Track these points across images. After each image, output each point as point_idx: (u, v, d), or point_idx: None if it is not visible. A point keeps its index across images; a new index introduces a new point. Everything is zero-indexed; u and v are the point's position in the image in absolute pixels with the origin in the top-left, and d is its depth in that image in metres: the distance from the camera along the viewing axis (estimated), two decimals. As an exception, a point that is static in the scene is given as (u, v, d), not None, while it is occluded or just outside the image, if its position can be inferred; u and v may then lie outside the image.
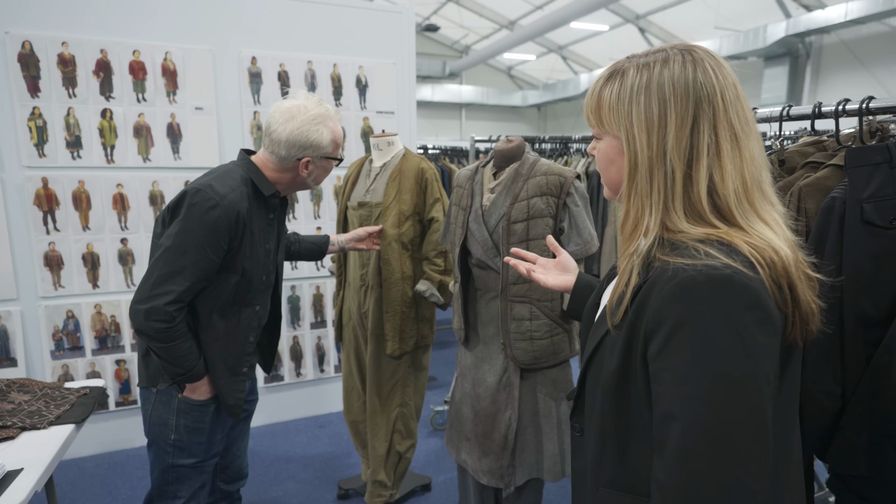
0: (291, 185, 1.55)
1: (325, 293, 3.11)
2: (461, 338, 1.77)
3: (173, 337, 1.37)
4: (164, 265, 1.35)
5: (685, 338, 0.65)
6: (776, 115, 1.51)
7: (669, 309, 0.66)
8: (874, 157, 1.11)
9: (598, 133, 0.81)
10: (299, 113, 1.46)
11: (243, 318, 1.52)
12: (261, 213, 1.50)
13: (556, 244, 1.22)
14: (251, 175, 1.48)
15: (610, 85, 0.76)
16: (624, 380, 0.74)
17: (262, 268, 1.52)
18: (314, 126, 1.47)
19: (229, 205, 1.38)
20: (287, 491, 2.47)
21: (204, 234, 1.35)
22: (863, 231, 1.11)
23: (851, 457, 1.11)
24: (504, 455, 1.67)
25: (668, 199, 0.71)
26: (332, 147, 1.53)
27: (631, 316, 0.72)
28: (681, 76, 0.71)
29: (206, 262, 1.37)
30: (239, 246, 1.43)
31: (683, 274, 0.66)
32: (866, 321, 1.12)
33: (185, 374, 1.44)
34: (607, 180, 0.83)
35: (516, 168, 1.64)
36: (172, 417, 1.51)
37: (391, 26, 3.08)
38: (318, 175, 1.56)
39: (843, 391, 1.15)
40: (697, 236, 0.70)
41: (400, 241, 2.04)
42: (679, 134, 0.71)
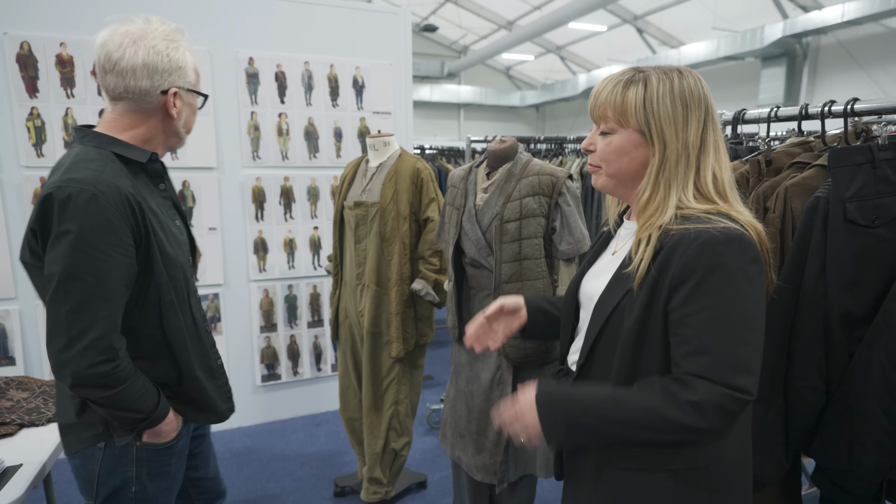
0: (162, 136, 1.20)
1: (322, 292, 3.13)
2: (455, 336, 1.79)
3: (122, 378, 1.07)
4: (68, 296, 1.02)
5: (711, 284, 0.81)
6: (764, 117, 1.54)
7: (695, 262, 0.82)
8: (857, 158, 1.14)
9: (611, 128, 0.93)
10: (147, 33, 1.14)
11: (195, 309, 1.26)
12: (149, 187, 1.18)
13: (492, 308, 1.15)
14: (108, 147, 1.11)
15: (634, 88, 0.89)
16: (642, 331, 0.87)
17: (183, 251, 1.24)
18: (172, 44, 1.15)
19: (107, 187, 1.04)
20: (284, 488, 2.49)
21: (97, 235, 1.02)
22: (846, 230, 1.13)
23: (834, 450, 1.13)
24: (497, 452, 1.69)
25: (686, 182, 0.89)
26: (196, 76, 1.22)
27: (654, 274, 0.86)
28: (694, 87, 0.90)
29: (118, 269, 1.05)
30: (146, 233, 1.10)
31: (706, 234, 0.82)
32: (849, 318, 1.15)
33: (147, 418, 1.13)
34: (616, 170, 0.94)
35: (509, 168, 1.66)
36: (131, 469, 1.20)
37: (388, 27, 3.10)
38: (188, 117, 1.23)
39: (827, 387, 1.17)
40: (704, 210, 0.87)
41: (402, 241, 2.07)
42: (696, 132, 0.89)
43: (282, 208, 2.98)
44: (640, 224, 0.91)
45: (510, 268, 1.60)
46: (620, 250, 0.99)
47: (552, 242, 1.63)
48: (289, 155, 2.96)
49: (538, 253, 1.60)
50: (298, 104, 2.94)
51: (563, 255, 1.62)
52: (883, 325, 1.08)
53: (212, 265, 2.85)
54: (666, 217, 0.88)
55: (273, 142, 2.92)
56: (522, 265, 1.60)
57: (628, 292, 0.89)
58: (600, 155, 0.95)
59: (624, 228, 1.03)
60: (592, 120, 0.97)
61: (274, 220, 2.97)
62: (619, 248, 1.01)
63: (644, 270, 0.87)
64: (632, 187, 0.96)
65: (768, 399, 1.22)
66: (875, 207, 1.12)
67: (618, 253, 1.00)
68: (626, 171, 0.93)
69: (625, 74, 0.92)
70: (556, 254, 1.63)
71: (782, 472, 1.25)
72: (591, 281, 1.02)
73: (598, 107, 0.93)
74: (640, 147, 0.91)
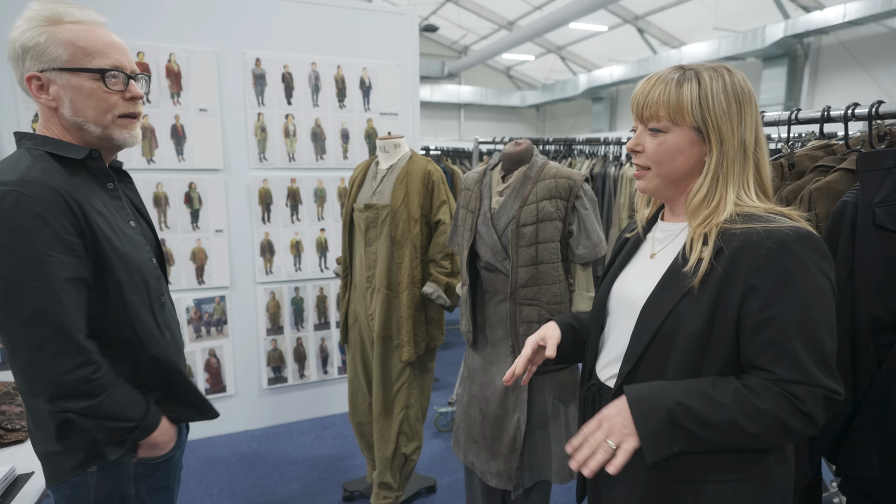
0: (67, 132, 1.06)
1: (329, 295, 3.11)
2: (469, 340, 1.78)
3: (104, 385, 1.00)
4: (18, 305, 0.94)
5: (794, 284, 0.79)
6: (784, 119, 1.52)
7: (773, 263, 0.80)
8: (885, 162, 1.12)
9: (664, 127, 0.90)
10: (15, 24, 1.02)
11: (158, 314, 1.15)
12: (93, 186, 1.07)
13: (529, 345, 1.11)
14: (42, 147, 1.03)
15: (688, 85, 0.88)
16: (707, 335, 0.84)
17: (141, 251, 1.13)
18: (32, 25, 1.01)
19: (35, 185, 0.95)
20: (292, 493, 2.47)
21: (31, 235, 0.93)
22: (875, 235, 1.11)
23: (864, 460, 1.11)
24: (513, 457, 1.67)
25: (746, 179, 0.88)
26: (70, 51, 1.01)
27: (721, 274, 0.83)
28: (744, 84, 0.89)
29: (63, 268, 0.96)
30: (90, 230, 1.01)
31: (779, 233, 0.81)
32: (878, 325, 1.13)
33: (138, 426, 1.06)
34: (671, 170, 0.92)
35: (525, 171, 1.64)
36: (130, 488, 1.13)
37: (394, 28, 3.08)
38: (77, 103, 1.02)
39: (854, 394, 1.16)
40: (764, 209, 0.87)
41: (413, 243, 2.05)
42: (751, 128, 0.89)
43: (288, 210, 2.96)
44: (696, 222, 0.89)
45: (526, 272, 1.58)
46: (661, 253, 0.96)
47: (569, 246, 1.61)
48: (296, 156, 2.94)
49: (555, 257, 1.58)
50: (305, 105, 2.92)
51: (580, 259, 1.60)
52: (914, 333, 1.06)
53: (218, 267, 2.83)
54: (725, 214, 0.86)
55: (280, 143, 2.90)
56: (539, 269, 1.58)
57: (686, 294, 0.86)
58: (651, 156, 0.92)
59: (660, 231, 1.00)
60: (638, 119, 0.94)
61: (281, 221, 2.95)
62: (658, 251, 0.97)
63: (705, 269, 0.84)
64: (682, 187, 0.94)
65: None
66: (904, 212, 1.11)
67: (658, 256, 0.97)
68: (680, 170, 0.91)
69: (674, 73, 0.90)
70: (573, 258, 1.62)
71: (807, 480, 1.24)
72: (630, 286, 0.98)
73: (649, 105, 0.90)
74: (695, 145, 0.90)
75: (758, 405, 0.79)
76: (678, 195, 0.95)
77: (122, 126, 1.08)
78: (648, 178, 0.94)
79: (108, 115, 1.05)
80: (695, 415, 0.80)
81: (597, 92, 14.59)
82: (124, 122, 1.08)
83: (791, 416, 0.79)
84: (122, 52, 1.07)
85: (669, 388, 0.83)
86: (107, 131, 1.06)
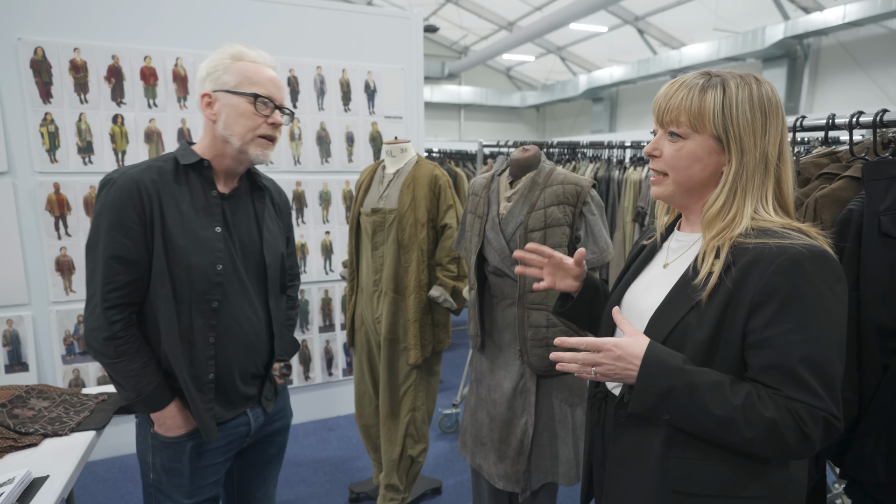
0: (214, 143, 1.28)
1: (334, 297, 3.13)
2: (477, 344, 1.79)
3: (119, 353, 1.19)
4: (87, 266, 1.22)
5: (802, 303, 0.78)
6: (789, 126, 1.54)
7: (782, 280, 0.78)
8: (891, 171, 1.14)
9: (683, 133, 0.89)
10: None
11: (195, 316, 1.25)
12: (193, 189, 1.26)
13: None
14: (177, 152, 1.28)
15: (712, 92, 0.86)
16: (712, 349, 0.84)
17: (206, 255, 1.24)
18: (219, 57, 1.26)
19: (127, 179, 1.19)
20: (299, 495, 2.49)
21: (107, 217, 1.18)
22: (880, 243, 1.13)
23: (870, 463, 1.13)
24: (520, 460, 1.69)
25: (765, 193, 0.87)
26: (238, 79, 1.24)
27: (730, 288, 0.82)
28: (772, 95, 0.87)
29: (119, 249, 1.17)
30: (152, 225, 1.20)
31: (791, 250, 0.79)
32: (883, 331, 1.15)
33: (136, 398, 1.23)
34: (687, 177, 0.90)
35: (532, 177, 1.66)
36: (149, 454, 1.31)
37: (399, 31, 3.10)
38: (230, 119, 1.24)
39: (860, 399, 1.18)
40: (781, 224, 0.85)
41: (420, 247, 2.06)
42: (775, 141, 0.87)
43: (294, 213, 2.97)
44: (710, 234, 0.87)
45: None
46: (674, 263, 0.96)
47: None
48: (301, 160, 2.95)
49: (563, 262, 1.60)
50: (311, 109, 2.94)
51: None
52: (919, 339, 1.08)
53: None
54: (740, 228, 0.85)
55: (285, 146, 2.91)
56: (547, 274, 1.60)
57: (695, 307, 0.85)
58: (668, 161, 0.90)
59: (675, 241, 0.99)
60: (658, 123, 0.92)
61: (286, 224, 2.96)
62: (671, 261, 0.97)
63: (714, 283, 0.83)
64: (698, 197, 0.92)
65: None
66: (909, 220, 1.12)
67: (671, 266, 0.96)
68: (696, 179, 0.90)
69: (699, 78, 0.88)
70: (580, 263, 1.63)
71: (812, 483, 1.26)
72: (640, 296, 0.98)
73: (670, 110, 0.88)
74: (714, 154, 0.88)
75: (763, 412, 0.78)
76: (694, 204, 0.94)
77: (259, 145, 1.28)
78: (664, 185, 0.93)
79: (251, 133, 1.26)
80: (700, 401, 0.80)
81: (597, 92, 14.62)
82: (262, 142, 1.29)
83: (791, 431, 0.77)
84: (277, 88, 1.30)
85: (687, 370, 0.82)
86: (245, 146, 1.27)
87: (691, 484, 0.87)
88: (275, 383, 1.47)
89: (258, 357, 1.38)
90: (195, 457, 1.31)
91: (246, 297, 1.32)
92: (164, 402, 1.25)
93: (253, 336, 1.34)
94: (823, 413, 0.77)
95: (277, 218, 1.45)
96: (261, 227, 1.36)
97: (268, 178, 1.47)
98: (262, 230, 1.36)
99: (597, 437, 1.05)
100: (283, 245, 1.47)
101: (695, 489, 0.86)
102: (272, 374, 1.46)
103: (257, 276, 1.36)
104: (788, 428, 0.78)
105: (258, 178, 1.40)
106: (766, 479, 0.85)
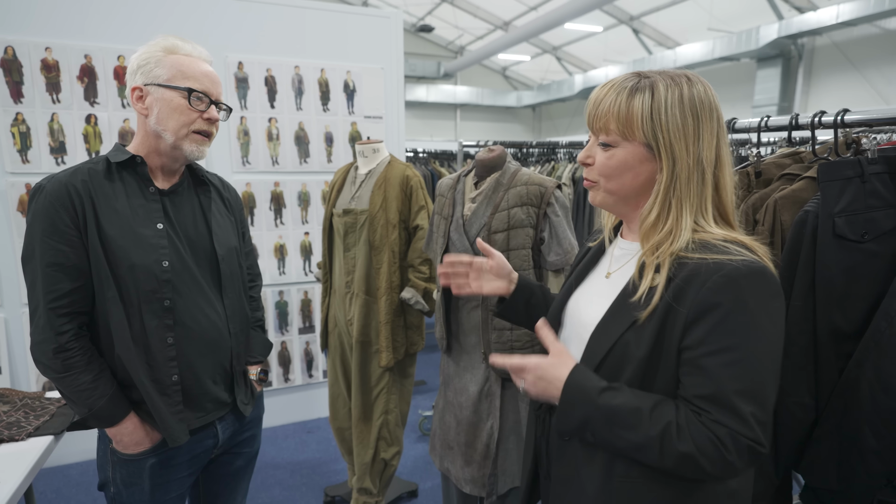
0: (146, 139, 1.23)
1: (314, 298, 3.11)
2: (443, 347, 1.77)
3: (66, 366, 1.15)
4: (26, 278, 1.17)
5: (733, 323, 0.75)
6: (755, 126, 1.52)
7: (717, 297, 0.75)
8: (846, 172, 1.12)
9: (613, 141, 0.84)
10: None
11: (148, 317, 1.20)
12: (128, 188, 1.21)
13: (487, 247, 1.15)
14: (109, 152, 1.25)
15: (640, 97, 0.81)
16: (651, 367, 0.81)
17: (149, 252, 1.20)
18: (152, 50, 1.21)
19: (56, 183, 1.15)
20: (273, 498, 2.47)
21: (40, 224, 1.14)
22: (835, 245, 1.11)
23: (823, 469, 1.11)
24: (486, 464, 1.67)
25: (703, 202, 0.82)
26: (171, 73, 1.19)
27: (669, 304, 0.78)
28: (705, 96, 0.82)
29: (56, 255, 1.13)
30: (86, 227, 1.16)
31: (728, 266, 0.76)
32: (838, 334, 1.13)
33: (88, 413, 1.18)
34: (619, 186, 0.86)
35: (497, 178, 1.64)
36: (108, 468, 1.27)
37: (379, 31, 3.07)
38: (163, 114, 1.19)
39: (816, 403, 1.16)
40: (722, 237, 0.81)
41: (391, 249, 2.04)
42: (710, 145, 0.82)
43: (272, 214, 2.95)
44: (648, 248, 0.83)
45: (498, 279, 1.58)
46: (616, 273, 0.92)
47: (541, 253, 1.61)
48: (279, 160, 2.93)
49: (526, 264, 1.58)
50: (289, 109, 2.92)
51: (552, 266, 1.60)
52: (871, 344, 1.06)
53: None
54: (680, 242, 0.80)
55: (263, 147, 2.89)
56: (510, 276, 1.58)
57: (633, 324, 0.82)
58: (599, 169, 0.87)
59: (618, 248, 0.95)
60: (591, 130, 0.88)
61: (264, 225, 2.94)
62: (614, 271, 0.93)
63: (656, 302, 0.79)
64: (634, 206, 0.88)
65: (757, 415, 1.20)
66: (864, 222, 1.11)
67: (613, 276, 0.93)
68: (629, 187, 0.86)
69: (628, 80, 0.83)
70: (545, 265, 1.61)
71: (772, 488, 1.24)
72: (582, 306, 0.95)
73: (598, 117, 0.84)
74: (645, 162, 0.83)
75: (678, 447, 0.76)
76: (631, 212, 0.90)
77: (194, 140, 1.24)
78: (597, 192, 0.89)
79: (185, 129, 1.22)
80: (617, 428, 0.79)
81: (592, 92, 14.60)
82: (197, 137, 1.25)
83: (710, 461, 0.75)
84: (213, 83, 1.26)
85: (606, 396, 0.81)
86: (179, 142, 1.22)
87: (636, 502, 0.85)
88: (251, 386, 1.43)
89: (222, 354, 1.32)
90: (157, 473, 1.26)
91: (201, 293, 1.27)
92: (120, 415, 1.19)
93: (214, 333, 1.29)
94: (748, 441, 0.74)
95: (228, 213, 1.41)
96: (209, 220, 1.32)
97: (213, 174, 1.42)
98: (211, 223, 1.32)
99: (542, 449, 1.03)
100: (237, 239, 1.41)
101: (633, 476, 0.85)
102: (248, 377, 1.43)
103: (211, 271, 1.31)
104: (707, 457, 0.75)
105: (201, 173, 1.35)
106: (706, 494, 0.84)
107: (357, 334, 2.11)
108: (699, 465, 0.75)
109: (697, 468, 0.76)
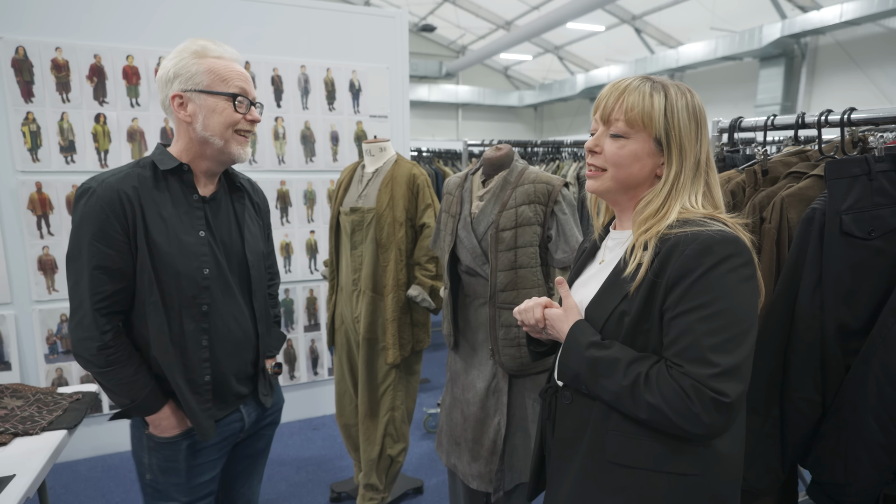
0: (191, 145, 1.26)
1: (319, 296, 3.13)
2: (451, 343, 1.79)
3: (110, 362, 1.19)
4: (69, 277, 1.20)
5: (706, 282, 0.82)
6: (761, 125, 1.53)
7: (693, 262, 0.83)
8: (853, 170, 1.13)
9: (626, 132, 0.92)
10: (176, 50, 1.25)
11: (186, 321, 1.25)
12: (174, 195, 1.25)
13: (566, 289, 1.05)
14: (154, 156, 1.26)
15: (657, 96, 0.90)
16: (641, 333, 0.89)
17: (192, 260, 1.25)
18: (184, 55, 1.22)
19: (106, 188, 1.17)
20: (279, 493, 2.48)
21: (88, 227, 1.16)
22: (842, 242, 1.13)
23: (830, 464, 1.13)
24: (493, 460, 1.69)
25: (697, 190, 0.92)
26: (210, 78, 1.22)
27: (651, 276, 0.87)
28: (700, 107, 0.93)
29: (103, 259, 1.17)
30: (135, 234, 1.19)
31: (703, 235, 0.84)
32: (845, 331, 1.14)
33: (130, 404, 1.24)
34: (626, 175, 0.93)
35: (505, 176, 1.65)
36: (145, 455, 1.32)
37: (384, 30, 3.09)
38: (209, 119, 1.22)
39: (823, 399, 1.17)
40: (703, 214, 0.90)
41: (398, 247, 2.06)
42: (705, 148, 0.93)
43: (278, 212, 2.97)
44: (639, 229, 0.91)
45: (506, 276, 1.59)
46: (609, 259, 1.00)
47: (548, 251, 1.63)
48: (285, 159, 2.95)
49: (534, 262, 1.60)
50: (295, 108, 2.93)
51: (559, 264, 1.61)
52: (878, 339, 1.07)
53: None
54: (667, 222, 0.89)
55: (269, 146, 2.91)
56: (518, 274, 1.60)
57: (625, 297, 0.90)
58: (610, 158, 0.93)
59: (611, 239, 1.03)
60: (601, 120, 0.95)
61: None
62: (606, 258, 1.01)
63: (643, 275, 0.87)
64: (632, 195, 0.96)
65: (764, 410, 1.22)
66: (871, 219, 1.12)
67: (606, 262, 1.00)
68: (634, 177, 0.93)
69: (644, 82, 0.92)
70: (552, 262, 1.63)
71: (778, 483, 1.25)
72: (578, 290, 1.03)
73: (621, 109, 0.91)
74: (652, 156, 0.92)
75: (645, 397, 0.83)
76: (627, 202, 0.97)
77: (239, 142, 1.28)
78: (602, 180, 0.95)
79: (230, 130, 1.25)
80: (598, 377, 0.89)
81: (594, 92, 14.58)
82: (241, 139, 1.28)
83: (675, 413, 0.80)
84: (248, 83, 1.29)
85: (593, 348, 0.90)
86: (227, 146, 1.26)
87: (628, 456, 0.90)
88: (269, 378, 1.49)
89: (247, 355, 1.39)
90: (191, 455, 1.32)
91: (232, 298, 1.33)
92: (159, 405, 1.26)
93: (241, 335, 1.36)
94: (711, 393, 0.79)
95: (257, 217, 1.46)
96: (241, 228, 1.37)
97: (245, 177, 1.46)
98: (244, 231, 1.37)
99: (547, 430, 1.08)
100: (264, 244, 1.47)
101: (631, 462, 0.90)
102: (266, 370, 1.47)
103: (241, 276, 1.37)
104: (673, 408, 0.81)
105: (236, 179, 1.40)
106: (694, 456, 0.87)
107: (364, 331, 2.13)
108: (666, 416, 0.81)
109: (665, 420, 0.82)
